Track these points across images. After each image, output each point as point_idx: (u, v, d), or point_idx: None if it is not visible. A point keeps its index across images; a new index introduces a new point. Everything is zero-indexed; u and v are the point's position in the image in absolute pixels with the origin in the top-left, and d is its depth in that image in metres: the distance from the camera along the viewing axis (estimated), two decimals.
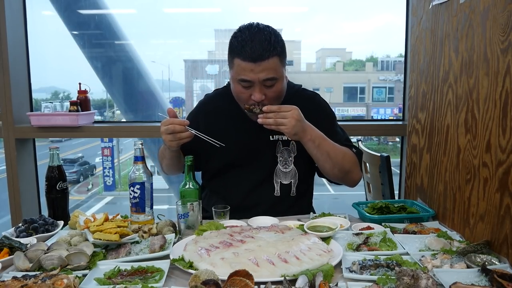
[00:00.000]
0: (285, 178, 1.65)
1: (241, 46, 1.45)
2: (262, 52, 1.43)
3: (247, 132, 1.64)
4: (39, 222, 1.41)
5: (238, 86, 1.52)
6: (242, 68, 1.46)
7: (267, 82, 1.48)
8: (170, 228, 1.37)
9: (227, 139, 1.63)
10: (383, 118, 13.11)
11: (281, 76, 1.52)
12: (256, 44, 1.43)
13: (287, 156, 1.64)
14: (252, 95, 1.49)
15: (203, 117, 1.72)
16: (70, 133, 2.45)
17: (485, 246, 1.16)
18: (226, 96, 1.69)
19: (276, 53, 1.46)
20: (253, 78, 1.45)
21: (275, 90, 1.51)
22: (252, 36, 1.45)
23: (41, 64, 5.45)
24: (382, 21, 32.32)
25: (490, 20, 1.19)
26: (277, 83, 1.50)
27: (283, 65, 1.52)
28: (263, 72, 1.45)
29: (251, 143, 1.63)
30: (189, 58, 11.72)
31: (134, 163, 1.45)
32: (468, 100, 1.32)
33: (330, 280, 1.03)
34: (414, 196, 1.76)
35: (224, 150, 1.59)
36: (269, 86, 1.49)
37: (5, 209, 2.53)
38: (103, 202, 13.38)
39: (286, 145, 1.64)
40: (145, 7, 9.85)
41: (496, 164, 1.16)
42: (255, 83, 1.47)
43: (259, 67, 1.44)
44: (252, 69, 1.44)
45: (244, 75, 1.46)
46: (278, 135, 1.63)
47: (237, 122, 1.66)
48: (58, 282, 0.96)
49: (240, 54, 1.45)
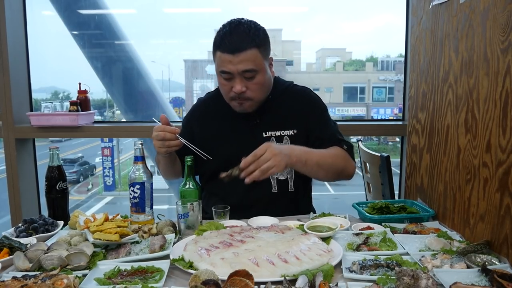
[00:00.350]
0: (281, 174, 1.65)
1: (221, 39, 1.50)
2: (239, 44, 1.47)
3: (241, 131, 1.66)
4: (39, 222, 1.41)
5: (221, 79, 1.55)
6: (222, 60, 1.50)
7: (246, 74, 1.50)
8: (170, 228, 1.37)
9: (221, 140, 1.66)
10: (383, 118, 13.11)
11: (262, 68, 1.53)
12: (234, 37, 1.48)
13: None
14: (233, 87, 1.53)
15: (196, 121, 1.75)
16: (70, 133, 2.45)
17: (485, 246, 1.16)
18: (217, 98, 1.71)
19: (254, 45, 1.49)
20: (232, 69, 1.49)
21: (256, 82, 1.53)
22: (232, 29, 1.50)
23: (41, 64, 5.45)
24: (382, 21, 32.36)
25: (490, 20, 1.19)
26: (257, 75, 1.52)
27: (264, 57, 1.54)
28: (241, 63, 1.48)
29: (245, 142, 1.62)
30: (189, 58, 11.74)
31: (134, 163, 1.45)
32: (468, 100, 1.32)
33: (330, 280, 1.03)
34: (414, 196, 1.76)
35: (219, 151, 1.61)
36: (250, 78, 1.52)
37: (5, 209, 2.53)
38: (103, 202, 13.38)
39: (279, 141, 1.64)
40: (145, 7, 9.87)
41: (496, 164, 1.16)
42: (234, 74, 1.50)
43: (237, 58, 1.47)
44: (231, 61, 1.48)
45: (224, 67, 1.50)
46: (271, 131, 1.64)
47: (230, 122, 1.68)
48: (58, 282, 0.96)
49: (220, 47, 1.50)
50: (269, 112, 1.67)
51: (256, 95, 1.55)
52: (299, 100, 1.70)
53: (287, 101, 1.69)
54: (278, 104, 1.68)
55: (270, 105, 1.67)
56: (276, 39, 16.53)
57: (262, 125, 1.66)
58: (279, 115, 1.67)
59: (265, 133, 1.65)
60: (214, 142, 1.66)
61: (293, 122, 1.67)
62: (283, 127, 1.66)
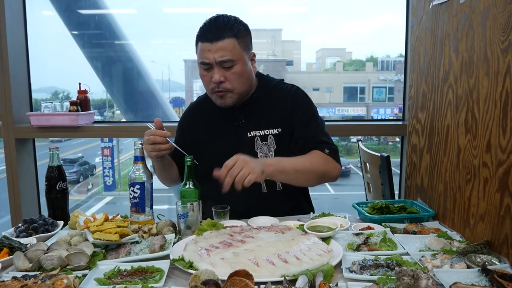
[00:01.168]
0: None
1: (202, 29, 1.56)
2: (217, 32, 1.51)
3: (226, 132, 1.67)
4: (39, 222, 1.41)
5: (201, 71, 1.58)
6: (201, 50, 1.54)
7: (224, 64, 1.52)
8: (170, 228, 1.37)
9: (209, 143, 1.68)
10: (383, 118, 13.11)
11: (240, 58, 1.54)
12: (213, 27, 1.53)
13: (267, 151, 1.64)
14: (212, 77, 1.54)
15: (187, 125, 1.78)
16: (70, 133, 2.45)
17: (485, 246, 1.16)
18: (205, 101, 1.74)
19: (232, 34, 1.52)
20: (210, 58, 1.51)
21: (234, 72, 1.54)
22: (212, 20, 1.56)
23: (41, 64, 5.45)
24: (382, 21, 32.36)
25: (490, 20, 1.19)
26: (235, 66, 1.53)
27: (243, 49, 1.55)
28: (218, 52, 1.50)
29: (231, 143, 1.64)
30: (189, 58, 11.72)
31: (134, 163, 1.45)
32: (468, 100, 1.32)
33: (330, 280, 1.03)
34: (414, 196, 1.76)
35: (208, 155, 1.64)
36: (228, 68, 1.53)
37: (5, 209, 2.53)
38: (103, 202, 13.38)
39: (264, 140, 1.64)
40: (145, 7, 9.86)
41: (496, 164, 1.16)
42: (213, 64, 1.52)
43: (215, 47, 1.50)
44: (209, 50, 1.51)
45: (203, 57, 1.53)
46: (254, 131, 1.64)
47: (216, 124, 1.69)
48: (58, 282, 0.96)
49: (200, 37, 1.55)
50: (254, 112, 1.67)
51: (234, 85, 1.56)
52: (285, 98, 1.69)
53: (273, 100, 1.69)
54: (263, 103, 1.67)
55: (255, 104, 1.67)
56: (276, 39, 16.52)
57: (247, 125, 1.65)
58: (264, 114, 1.66)
59: (250, 133, 1.64)
60: (202, 146, 1.68)
61: (278, 121, 1.65)
62: (267, 126, 1.65)
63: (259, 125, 1.65)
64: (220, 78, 1.53)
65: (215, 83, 1.54)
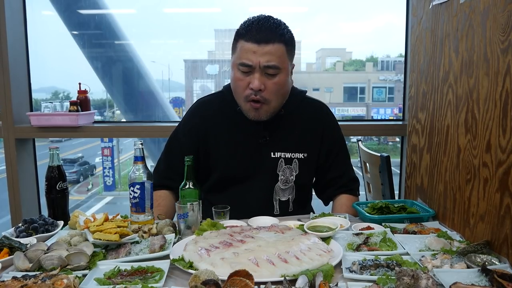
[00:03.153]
0: (283, 195, 1.61)
1: (247, 28, 1.39)
2: (267, 34, 1.36)
3: (248, 146, 1.56)
4: (39, 222, 1.41)
5: (237, 73, 1.43)
6: (244, 50, 1.38)
7: (268, 70, 1.39)
8: (170, 228, 1.37)
9: (227, 151, 1.57)
10: (383, 118, 13.10)
11: (285, 68, 1.42)
12: (262, 26, 1.38)
13: (288, 175, 1.57)
14: (250, 83, 1.40)
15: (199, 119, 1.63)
16: (70, 133, 2.45)
17: (485, 246, 1.16)
18: (223, 102, 1.60)
19: (283, 40, 1.38)
20: (254, 61, 1.37)
21: (276, 82, 1.41)
22: (260, 21, 1.40)
23: (41, 64, 5.45)
24: (382, 21, 32.35)
25: (490, 20, 1.19)
26: (280, 74, 1.40)
27: (289, 58, 1.43)
28: (266, 56, 1.36)
29: (252, 159, 1.55)
30: (189, 58, 11.73)
31: (134, 163, 1.44)
32: (468, 100, 1.32)
33: (330, 280, 1.03)
34: (414, 196, 1.76)
35: (225, 163, 1.55)
36: (271, 76, 1.40)
37: (5, 209, 2.53)
38: (103, 202, 13.38)
39: (288, 163, 1.56)
40: (145, 7, 9.84)
41: (496, 164, 1.16)
42: (255, 68, 1.39)
43: (262, 50, 1.36)
44: (255, 51, 1.37)
45: (246, 58, 1.38)
46: (280, 152, 1.56)
47: (238, 137, 1.57)
48: (58, 282, 0.96)
49: (244, 36, 1.39)
50: (281, 130, 1.56)
51: (273, 97, 1.43)
52: (314, 118, 1.58)
53: (301, 119, 1.58)
54: (291, 121, 1.57)
55: (283, 121, 1.56)
56: None
57: (271, 144, 1.55)
58: (291, 135, 1.57)
59: (274, 154, 1.55)
60: (221, 157, 1.58)
61: (305, 144, 1.57)
62: (294, 149, 1.56)
63: (284, 146, 1.56)
64: (260, 86, 1.39)
65: (253, 90, 1.40)
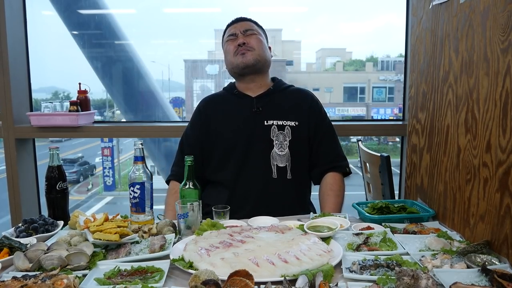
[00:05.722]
0: (281, 161, 1.74)
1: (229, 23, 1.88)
2: (242, 19, 1.86)
3: (243, 118, 1.78)
4: (39, 222, 1.41)
5: (226, 45, 1.84)
6: (228, 29, 1.86)
7: (247, 33, 1.80)
8: (170, 228, 1.37)
9: (225, 127, 1.79)
10: (383, 118, 13.10)
11: (260, 34, 1.84)
12: (238, 18, 1.87)
13: (282, 140, 1.74)
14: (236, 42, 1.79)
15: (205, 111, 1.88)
16: (70, 133, 2.45)
17: (485, 246, 1.16)
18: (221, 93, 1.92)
19: (252, 22, 1.86)
20: (235, 31, 1.82)
21: (255, 38, 1.81)
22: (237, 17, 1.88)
23: (41, 64, 5.45)
24: (382, 21, 32.36)
25: (490, 20, 1.19)
26: (256, 35, 1.81)
27: (262, 33, 1.86)
28: (243, 26, 1.82)
29: (247, 130, 1.75)
30: (189, 58, 11.72)
31: (134, 163, 1.45)
32: (468, 100, 1.32)
33: (330, 280, 1.03)
34: (414, 196, 1.76)
35: (224, 139, 1.76)
36: (250, 35, 1.80)
37: (5, 209, 2.53)
38: (103, 202, 13.38)
39: (281, 129, 1.75)
40: (145, 7, 9.85)
41: (496, 164, 1.16)
42: (238, 34, 1.81)
43: (239, 25, 1.84)
44: (235, 26, 1.84)
45: (229, 32, 1.84)
46: (272, 120, 1.76)
47: (233, 110, 1.82)
48: (58, 282, 0.96)
49: (227, 26, 1.88)
50: (272, 103, 1.80)
51: (254, 46, 1.78)
52: (301, 96, 1.86)
53: (289, 96, 1.85)
54: (280, 97, 1.82)
55: (273, 97, 1.81)
56: (276, 39, 16.51)
57: (264, 113, 1.77)
58: (281, 107, 1.80)
59: (267, 121, 1.75)
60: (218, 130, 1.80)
61: (295, 115, 1.78)
62: (284, 117, 1.76)
63: (276, 115, 1.77)
64: (243, 39, 1.78)
65: (239, 45, 1.77)
